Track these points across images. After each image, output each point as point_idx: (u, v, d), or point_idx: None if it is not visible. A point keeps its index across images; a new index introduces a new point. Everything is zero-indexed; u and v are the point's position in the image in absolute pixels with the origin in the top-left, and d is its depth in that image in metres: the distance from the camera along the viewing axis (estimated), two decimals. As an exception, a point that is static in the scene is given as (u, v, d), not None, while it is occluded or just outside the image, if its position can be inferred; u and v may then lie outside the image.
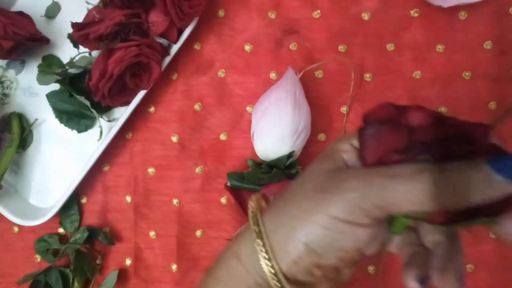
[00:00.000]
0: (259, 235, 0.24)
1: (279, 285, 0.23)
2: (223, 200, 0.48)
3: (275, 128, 0.42)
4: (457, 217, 0.21)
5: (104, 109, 0.47)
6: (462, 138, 0.21)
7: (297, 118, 0.42)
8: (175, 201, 0.48)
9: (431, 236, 0.25)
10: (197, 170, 0.48)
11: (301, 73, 0.46)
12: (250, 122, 0.47)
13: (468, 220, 0.22)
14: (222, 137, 0.48)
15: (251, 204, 0.26)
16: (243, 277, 0.25)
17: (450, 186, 0.20)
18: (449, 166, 0.21)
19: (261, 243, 0.24)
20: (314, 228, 0.23)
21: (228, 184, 0.46)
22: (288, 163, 0.42)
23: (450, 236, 0.25)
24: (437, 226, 0.24)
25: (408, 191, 0.21)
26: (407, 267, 0.25)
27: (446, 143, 0.21)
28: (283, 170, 0.43)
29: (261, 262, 0.24)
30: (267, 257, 0.24)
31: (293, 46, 0.48)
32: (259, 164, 0.44)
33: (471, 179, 0.20)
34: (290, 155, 0.42)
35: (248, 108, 0.48)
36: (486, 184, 0.20)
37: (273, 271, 0.23)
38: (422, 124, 0.22)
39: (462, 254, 0.24)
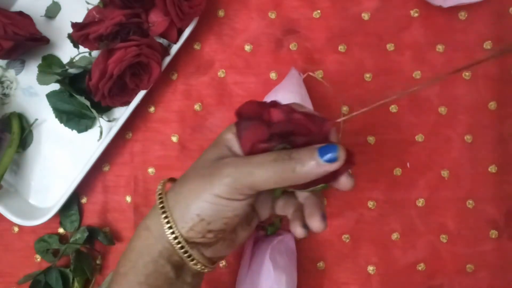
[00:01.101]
0: (164, 210, 0.31)
1: (180, 246, 0.31)
2: (223, 200, 0.48)
3: None
4: (307, 185, 0.29)
5: (104, 109, 0.47)
6: (305, 130, 0.29)
7: None
8: (175, 201, 0.48)
9: (302, 194, 0.34)
10: (197, 170, 0.48)
11: (305, 74, 0.46)
12: (250, 122, 0.47)
13: (314, 185, 0.30)
14: (222, 137, 0.48)
15: (158, 187, 0.33)
16: (153, 244, 0.31)
17: (292, 169, 0.28)
18: (294, 154, 0.28)
19: (165, 216, 0.31)
20: (203, 203, 0.30)
21: None
22: None
23: (314, 192, 0.32)
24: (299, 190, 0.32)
25: (266, 175, 0.28)
26: (292, 221, 0.32)
27: (294, 134, 0.29)
28: None
29: (165, 231, 0.31)
30: (170, 226, 0.31)
31: (293, 46, 0.48)
32: None
33: (306, 162, 0.28)
34: None
35: (248, 108, 0.48)
36: (315, 166, 0.28)
37: (175, 236, 0.30)
38: (278, 119, 0.30)
39: (324, 202, 0.33)
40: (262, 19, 0.48)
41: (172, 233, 0.31)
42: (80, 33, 0.41)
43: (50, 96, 0.46)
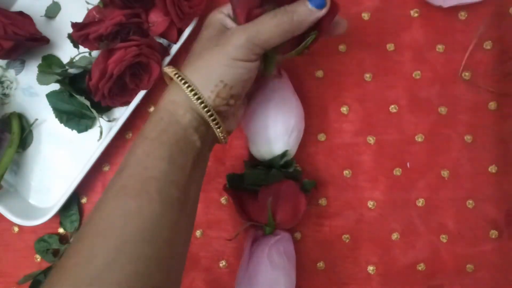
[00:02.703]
0: (186, 83, 0.33)
1: (209, 114, 0.33)
2: (223, 200, 0.48)
3: (266, 130, 0.41)
4: (295, 42, 0.34)
5: (104, 109, 0.47)
6: None
7: (286, 117, 0.41)
8: (175, 201, 0.48)
9: None
10: (197, 170, 0.48)
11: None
12: (250, 122, 0.47)
13: (304, 42, 0.34)
14: (222, 137, 0.48)
15: (171, 68, 0.34)
16: (182, 115, 0.33)
17: (290, 19, 0.32)
18: (288, 8, 0.33)
19: (191, 89, 0.33)
20: (224, 69, 0.33)
21: (227, 186, 0.46)
22: (282, 162, 0.42)
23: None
24: (293, 54, 0.35)
25: (270, 30, 0.32)
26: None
27: None
28: (280, 170, 0.42)
29: (194, 102, 0.33)
30: (198, 96, 0.33)
31: (293, 46, 0.48)
32: (255, 165, 0.44)
33: (300, 12, 0.32)
34: (283, 154, 0.42)
35: (248, 108, 0.48)
36: (307, 13, 0.32)
37: (205, 105, 0.33)
38: None
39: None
40: (262, 19, 0.48)
41: (201, 102, 0.33)
42: (80, 33, 0.41)
43: (50, 96, 0.46)
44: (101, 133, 0.45)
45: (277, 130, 0.41)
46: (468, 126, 0.47)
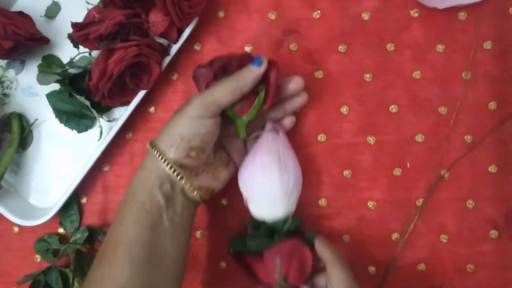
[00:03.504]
0: (153, 148, 0.38)
1: (169, 166, 0.37)
2: (223, 201, 0.48)
3: (265, 193, 0.40)
4: (252, 101, 0.40)
5: (104, 109, 0.47)
6: (236, 58, 0.40)
7: (285, 179, 0.40)
8: (175, 201, 0.48)
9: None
10: (197, 170, 0.48)
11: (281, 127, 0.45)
12: (250, 122, 0.47)
13: (258, 98, 0.40)
14: (222, 137, 0.48)
15: (148, 142, 0.40)
16: (148, 176, 0.38)
17: (236, 79, 0.38)
18: (236, 73, 0.39)
19: (155, 151, 0.38)
20: (182, 126, 0.38)
21: (231, 250, 0.43)
22: (286, 228, 0.41)
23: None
24: (253, 112, 0.40)
25: (222, 90, 0.38)
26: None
27: (230, 64, 0.40)
28: (283, 233, 0.41)
29: (157, 160, 0.38)
30: (158, 153, 0.38)
31: (293, 47, 0.48)
32: (257, 227, 0.43)
33: (243, 73, 0.39)
34: (285, 220, 0.41)
35: (248, 108, 0.48)
36: (249, 72, 0.38)
37: (164, 159, 0.38)
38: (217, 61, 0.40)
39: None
40: (262, 20, 0.48)
41: (161, 157, 0.37)
42: (80, 33, 0.41)
43: (50, 96, 0.46)
44: (101, 133, 0.45)
45: (278, 194, 0.40)
46: (468, 126, 0.47)
